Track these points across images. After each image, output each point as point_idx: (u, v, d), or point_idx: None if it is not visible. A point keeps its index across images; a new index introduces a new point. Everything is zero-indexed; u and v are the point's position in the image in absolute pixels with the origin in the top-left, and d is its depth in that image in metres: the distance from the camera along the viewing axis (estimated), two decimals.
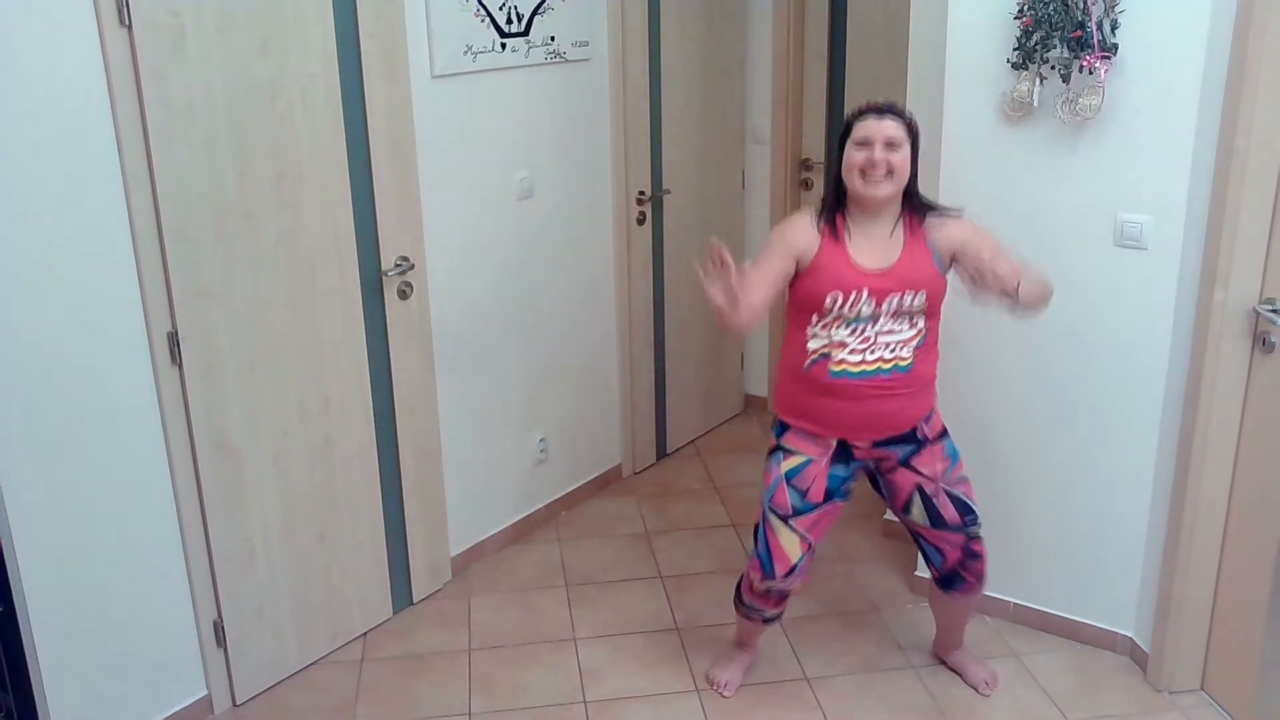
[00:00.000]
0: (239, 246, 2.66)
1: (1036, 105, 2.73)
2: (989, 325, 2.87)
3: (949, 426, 2.70)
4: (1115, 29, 2.58)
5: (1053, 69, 2.68)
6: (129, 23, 2.36)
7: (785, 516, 2.63)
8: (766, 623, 2.85)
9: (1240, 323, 2.57)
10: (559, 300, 3.72)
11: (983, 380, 3.02)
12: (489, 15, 3.23)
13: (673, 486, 4.14)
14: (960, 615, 2.91)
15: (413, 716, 2.87)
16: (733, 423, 4.71)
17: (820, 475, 2.62)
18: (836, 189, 2.56)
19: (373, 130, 2.93)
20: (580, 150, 3.69)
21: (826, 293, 2.48)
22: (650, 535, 3.78)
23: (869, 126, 2.46)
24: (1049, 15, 2.63)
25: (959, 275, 2.52)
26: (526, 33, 3.37)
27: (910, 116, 2.52)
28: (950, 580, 2.74)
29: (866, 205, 2.50)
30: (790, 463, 2.63)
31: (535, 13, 3.38)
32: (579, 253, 3.77)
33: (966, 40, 2.82)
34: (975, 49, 2.81)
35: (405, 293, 3.11)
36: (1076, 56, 2.62)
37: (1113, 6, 2.57)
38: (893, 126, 2.45)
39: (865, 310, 2.48)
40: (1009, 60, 2.74)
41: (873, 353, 2.51)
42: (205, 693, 2.84)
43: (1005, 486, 3.04)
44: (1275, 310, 2.51)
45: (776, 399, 2.71)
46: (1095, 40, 2.58)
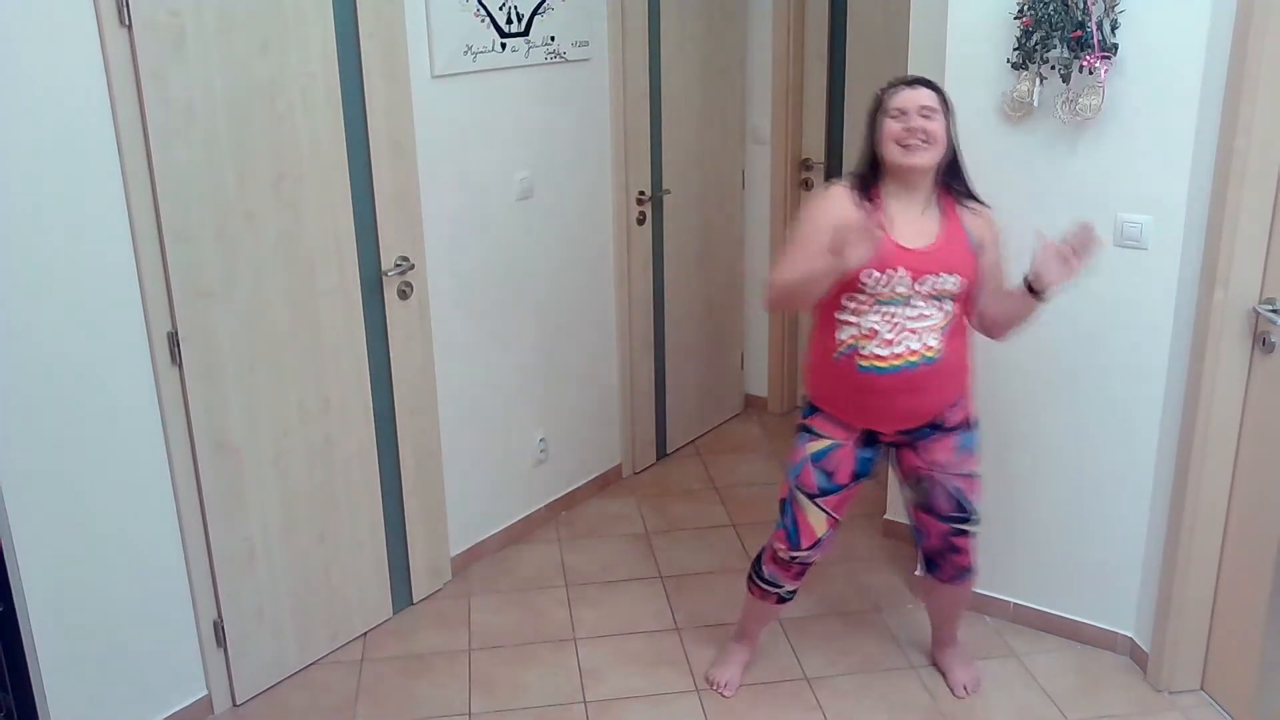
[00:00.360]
0: (239, 246, 2.66)
1: (1036, 105, 2.73)
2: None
3: None
4: (1115, 29, 2.58)
5: (1053, 69, 2.68)
6: (129, 23, 2.36)
7: (812, 495, 2.64)
8: (780, 602, 2.81)
9: (1240, 323, 2.57)
10: (559, 300, 3.72)
11: (982, 380, 3.01)
12: (489, 15, 3.23)
13: (673, 486, 4.14)
14: (948, 606, 2.89)
15: (413, 716, 2.87)
16: (732, 423, 4.71)
17: (847, 458, 2.62)
18: (870, 166, 2.52)
19: (373, 130, 2.93)
20: (580, 150, 3.69)
21: (864, 269, 2.41)
22: (650, 535, 3.78)
23: (903, 95, 2.44)
24: (1049, 15, 2.63)
25: None
26: (526, 33, 3.37)
27: (942, 89, 2.50)
28: (930, 563, 2.77)
29: (904, 177, 2.46)
30: (816, 445, 2.63)
31: (535, 13, 3.38)
32: (579, 253, 3.77)
33: (966, 40, 2.82)
34: (975, 49, 2.81)
35: (405, 293, 3.11)
36: (1076, 56, 2.62)
37: (1113, 6, 2.57)
38: (927, 94, 2.43)
39: (901, 289, 2.44)
40: (1009, 60, 2.75)
41: (901, 343, 2.47)
42: (205, 693, 2.84)
43: (1005, 486, 3.04)
44: (1275, 310, 2.51)
45: (807, 378, 2.69)
46: (1095, 40, 2.58)
